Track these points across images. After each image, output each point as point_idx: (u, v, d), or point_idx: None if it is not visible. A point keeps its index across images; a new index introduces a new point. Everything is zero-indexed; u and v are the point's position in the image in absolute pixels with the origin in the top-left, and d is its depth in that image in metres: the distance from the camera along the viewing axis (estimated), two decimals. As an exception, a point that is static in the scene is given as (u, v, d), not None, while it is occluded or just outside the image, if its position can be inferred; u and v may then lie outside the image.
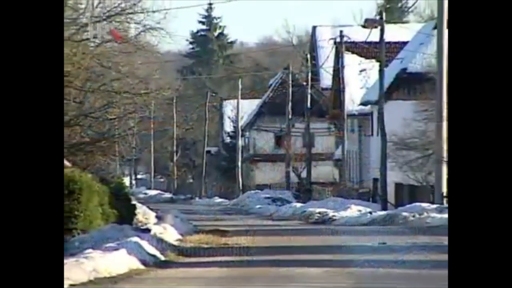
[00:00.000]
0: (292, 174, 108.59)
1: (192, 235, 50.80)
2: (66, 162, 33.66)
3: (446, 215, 59.82)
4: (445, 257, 37.30)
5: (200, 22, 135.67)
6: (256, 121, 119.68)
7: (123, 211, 50.56)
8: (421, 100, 78.64)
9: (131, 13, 50.03)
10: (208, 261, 39.06)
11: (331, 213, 70.33)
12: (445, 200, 66.25)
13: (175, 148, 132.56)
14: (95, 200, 44.96)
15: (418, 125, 77.31)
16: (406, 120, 78.88)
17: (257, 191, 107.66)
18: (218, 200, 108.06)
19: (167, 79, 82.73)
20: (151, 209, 67.02)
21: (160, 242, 41.73)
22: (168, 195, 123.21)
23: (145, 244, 38.03)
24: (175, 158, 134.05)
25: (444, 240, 44.12)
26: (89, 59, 47.28)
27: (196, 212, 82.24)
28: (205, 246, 47.03)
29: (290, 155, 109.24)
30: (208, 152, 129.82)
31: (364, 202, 79.98)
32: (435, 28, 73.86)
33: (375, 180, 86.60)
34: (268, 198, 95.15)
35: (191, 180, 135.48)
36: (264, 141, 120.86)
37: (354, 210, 71.73)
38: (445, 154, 68.46)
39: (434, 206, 64.95)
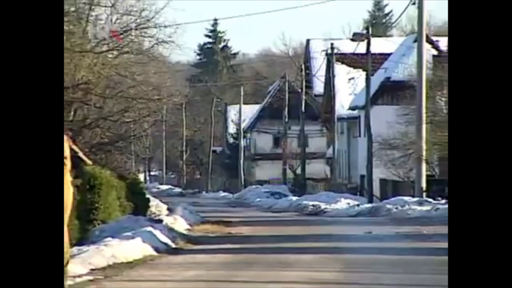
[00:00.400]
0: (288, 171, 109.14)
1: (199, 225, 51.24)
2: (87, 160, 32.64)
3: (425, 207, 62.91)
4: (424, 244, 40.99)
5: (206, 35, 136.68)
6: (256, 124, 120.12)
7: (138, 203, 50.79)
8: (403, 105, 79.41)
9: (146, 27, 50.20)
10: (213, 248, 39.17)
11: (323, 205, 70.74)
12: (424, 194, 67.28)
13: (184, 147, 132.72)
14: (113, 194, 45.20)
15: (400, 127, 77.90)
16: (390, 123, 79.10)
17: (257, 186, 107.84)
18: (222, 194, 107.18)
19: (177, 86, 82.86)
20: (163, 202, 67.17)
21: (171, 231, 41.84)
22: (178, 189, 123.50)
23: (157, 233, 38.26)
24: (184, 157, 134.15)
25: (423, 229, 48.31)
26: (108, 69, 47.69)
27: (203, 204, 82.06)
28: (211, 235, 47.15)
29: (287, 154, 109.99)
30: (214, 151, 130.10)
31: (352, 196, 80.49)
32: (415, 41, 75.84)
33: (362, 176, 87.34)
34: (267, 192, 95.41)
35: (198, 176, 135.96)
36: (264, 142, 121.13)
37: (344, 203, 72.12)
38: (424, 153, 70.11)
39: (415, 199, 65.77)
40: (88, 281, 24.31)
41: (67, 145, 23.16)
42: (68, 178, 22.92)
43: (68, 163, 23.09)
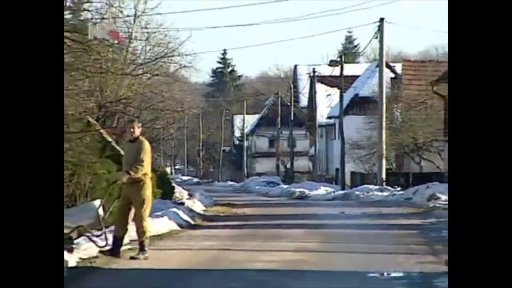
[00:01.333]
0: (280, 166, 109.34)
1: (212, 207, 51.03)
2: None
3: (384, 193, 62.32)
4: (382, 222, 40.24)
5: (218, 62, 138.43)
6: (256, 130, 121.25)
7: (166, 190, 50.84)
8: (368, 115, 79.82)
9: (172, 56, 52.02)
10: (223, 224, 39.22)
11: (307, 191, 70.71)
12: (384, 183, 67.50)
13: (201, 147, 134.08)
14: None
15: (366, 132, 78.30)
16: (358, 129, 79.12)
17: (256, 177, 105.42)
18: (230, 183, 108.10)
19: (195, 101, 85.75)
20: (185, 189, 67.71)
21: (191, 212, 41.86)
22: (196, 179, 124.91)
23: (180, 213, 38.44)
24: (201, 154, 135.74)
25: (383, 210, 47.62)
26: (143, 87, 48.70)
27: (215, 191, 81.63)
28: (221, 214, 46.83)
29: (279, 152, 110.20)
30: (224, 150, 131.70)
31: (329, 184, 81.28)
32: (377, 66, 75.84)
33: (337, 169, 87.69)
34: (264, 181, 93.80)
35: (212, 169, 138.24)
36: (262, 143, 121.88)
37: (322, 190, 72.41)
38: (383, 151, 70.44)
39: (377, 187, 65.84)
40: (128, 250, 24.06)
41: (147, 147, 24.51)
42: (149, 180, 24.13)
43: (147, 167, 24.21)
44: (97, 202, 23.97)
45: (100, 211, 23.49)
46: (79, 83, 32.58)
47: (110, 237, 24.06)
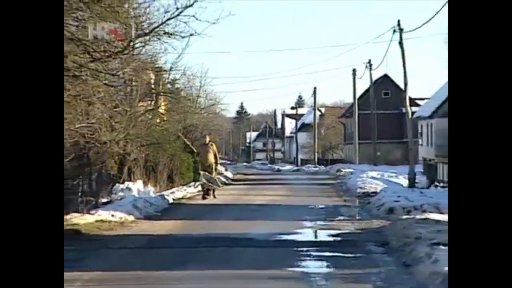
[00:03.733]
0: (268, 156, 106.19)
1: (235, 175, 48.00)
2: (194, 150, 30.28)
3: (316, 168, 58.69)
4: (315, 181, 37.22)
5: (239, 107, 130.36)
6: (256, 139, 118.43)
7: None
8: (309, 132, 78.39)
9: (214, 105, 44.86)
10: (240, 183, 37.36)
11: (280, 168, 67.99)
12: (316, 164, 64.34)
13: (230, 146, 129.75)
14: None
15: (310, 141, 75.72)
16: (304, 139, 79.58)
17: (257, 161, 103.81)
18: (244, 164, 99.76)
19: (228, 125, 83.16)
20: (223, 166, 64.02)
21: (225, 177, 38.58)
22: (228, 162, 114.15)
23: (221, 178, 34.09)
24: (230, 150, 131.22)
25: (315, 176, 45.49)
26: (202, 119, 40.12)
27: (237, 167, 74.78)
28: (240, 178, 44.29)
29: (268, 149, 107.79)
30: (241, 148, 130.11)
31: (291, 165, 77.33)
32: (313, 109, 72.35)
33: (294, 157, 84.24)
34: (260, 163, 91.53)
35: (236, 157, 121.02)
36: (259, 145, 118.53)
37: (287, 167, 69.49)
38: (316, 149, 67.08)
39: (313, 165, 63.21)
40: (178, 203, 22.44)
41: (214, 147, 23.75)
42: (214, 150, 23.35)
43: (214, 151, 23.38)
44: (203, 173, 23.14)
45: (204, 177, 23.11)
46: (175, 117, 30.84)
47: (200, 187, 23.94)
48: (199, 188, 24.75)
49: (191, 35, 12.88)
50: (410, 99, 31.96)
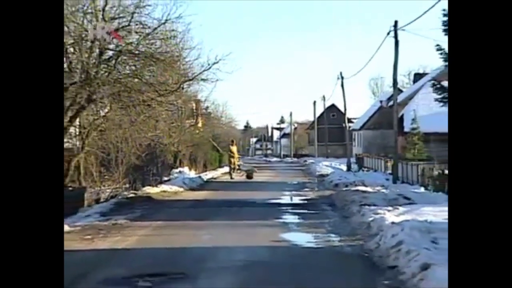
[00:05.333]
0: (263, 152, 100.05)
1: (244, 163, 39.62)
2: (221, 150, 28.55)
3: (294, 159, 53.17)
4: (293, 166, 36.72)
5: (246, 123, 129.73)
6: (256, 142, 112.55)
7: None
8: (288, 138, 75.06)
9: (230, 122, 41.93)
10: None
11: (271, 159, 62.65)
12: (293, 156, 59.38)
13: (241, 147, 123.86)
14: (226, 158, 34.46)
15: (288, 143, 73.94)
16: (286, 143, 76.54)
17: (256, 156, 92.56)
18: (249, 157, 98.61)
19: (238, 134, 73.70)
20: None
21: (239, 165, 30.10)
22: (240, 156, 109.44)
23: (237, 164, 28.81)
24: (240, 150, 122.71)
25: (293, 164, 41.63)
26: (223, 130, 35.98)
27: (244, 159, 60.82)
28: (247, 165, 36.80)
29: (263, 149, 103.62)
30: (247, 148, 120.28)
31: (277, 158, 70.31)
32: (295, 128, 72.79)
33: (279, 153, 79.85)
34: (259, 157, 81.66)
35: (244, 153, 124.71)
36: (258, 146, 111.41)
37: (275, 159, 64.35)
38: (292, 149, 62.86)
39: (290, 158, 59.10)
40: (209, 181, 21.18)
41: (234, 147, 22.73)
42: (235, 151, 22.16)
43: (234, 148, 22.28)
44: (232, 161, 22.04)
45: (232, 164, 22.14)
46: (207, 129, 28.07)
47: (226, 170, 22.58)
48: (226, 170, 24.10)
49: (217, 80, 12.82)
50: (348, 118, 32.41)
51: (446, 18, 9.24)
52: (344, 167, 29.13)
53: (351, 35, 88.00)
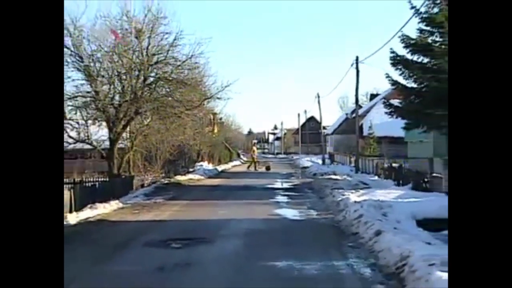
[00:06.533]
0: (262, 151, 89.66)
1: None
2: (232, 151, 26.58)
3: (283, 156, 48.68)
4: (284, 161, 33.60)
5: (249, 129, 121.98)
6: (256, 143, 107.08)
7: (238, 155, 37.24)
8: (280, 141, 69.02)
9: (239, 129, 38.89)
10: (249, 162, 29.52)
11: (268, 156, 54.58)
12: (283, 154, 52.22)
13: (243, 149, 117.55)
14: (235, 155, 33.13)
15: (280, 144, 67.71)
16: (278, 147, 69.08)
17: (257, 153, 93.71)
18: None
19: (243, 138, 64.94)
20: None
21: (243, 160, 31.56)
22: (244, 153, 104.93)
23: (241, 160, 31.05)
24: (241, 150, 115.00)
25: (283, 160, 37.39)
26: (232, 135, 32.97)
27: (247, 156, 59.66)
28: (249, 160, 32.20)
29: (262, 148, 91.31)
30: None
31: (272, 155, 64.14)
32: (285, 134, 67.58)
33: (273, 151, 71.88)
34: (260, 154, 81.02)
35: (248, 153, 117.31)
36: (258, 146, 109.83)
37: (270, 155, 57.64)
38: (282, 151, 57.17)
39: (282, 155, 51.82)
40: (222, 171, 20.27)
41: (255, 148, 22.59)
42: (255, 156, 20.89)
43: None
44: (253, 158, 21.12)
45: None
46: (222, 134, 26.52)
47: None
48: (235, 163, 24.11)
49: (228, 98, 12.88)
50: (323, 126, 33.44)
51: (393, 55, 8.76)
52: (320, 162, 29.11)
53: (326, 65, 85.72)
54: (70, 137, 10.87)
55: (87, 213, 7.35)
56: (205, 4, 62.47)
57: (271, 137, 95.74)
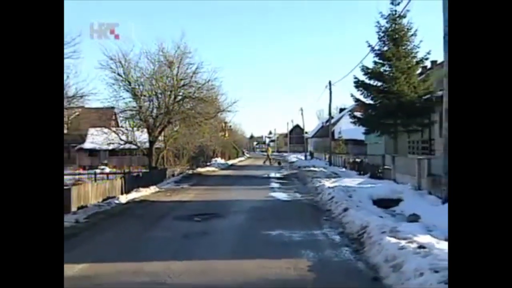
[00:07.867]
0: (261, 150, 73.19)
1: (251, 157, 32.91)
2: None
3: (277, 154, 36.95)
4: (276, 157, 27.30)
5: (251, 134, 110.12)
6: (256, 145, 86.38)
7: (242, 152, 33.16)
8: (274, 142, 64.72)
9: (244, 133, 32.95)
10: (251, 158, 30.32)
11: (264, 154, 46.53)
12: (276, 153, 39.20)
13: (248, 148, 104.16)
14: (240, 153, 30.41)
15: (274, 145, 59.81)
16: (273, 145, 59.90)
17: (257, 152, 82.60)
18: (252, 153, 70.53)
19: (247, 141, 59.48)
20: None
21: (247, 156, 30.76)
22: (247, 152, 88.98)
23: (246, 156, 29.74)
24: (248, 149, 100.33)
25: (277, 157, 28.18)
26: (238, 138, 30.25)
27: (250, 153, 51.71)
28: (252, 156, 35.35)
29: (260, 149, 77.71)
30: (252, 148, 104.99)
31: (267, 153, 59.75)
32: (278, 137, 58.37)
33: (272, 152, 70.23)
34: (259, 153, 74.81)
35: (249, 151, 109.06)
36: (258, 147, 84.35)
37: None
38: (276, 148, 49.18)
39: (276, 154, 42.75)
40: (232, 164, 19.53)
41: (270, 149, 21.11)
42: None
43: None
44: (268, 156, 19.46)
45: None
46: (231, 138, 25.42)
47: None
48: (241, 159, 23.64)
49: (236, 111, 13.27)
50: (305, 132, 33.52)
51: (356, 79, 8.99)
52: (303, 158, 28.66)
53: (308, 85, 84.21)
54: (121, 139, 11.35)
55: (133, 195, 7.53)
56: (221, 42, 58.03)
57: (267, 140, 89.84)
